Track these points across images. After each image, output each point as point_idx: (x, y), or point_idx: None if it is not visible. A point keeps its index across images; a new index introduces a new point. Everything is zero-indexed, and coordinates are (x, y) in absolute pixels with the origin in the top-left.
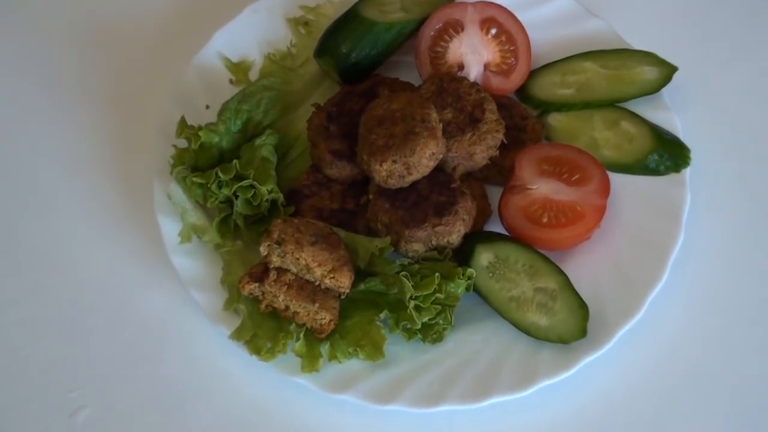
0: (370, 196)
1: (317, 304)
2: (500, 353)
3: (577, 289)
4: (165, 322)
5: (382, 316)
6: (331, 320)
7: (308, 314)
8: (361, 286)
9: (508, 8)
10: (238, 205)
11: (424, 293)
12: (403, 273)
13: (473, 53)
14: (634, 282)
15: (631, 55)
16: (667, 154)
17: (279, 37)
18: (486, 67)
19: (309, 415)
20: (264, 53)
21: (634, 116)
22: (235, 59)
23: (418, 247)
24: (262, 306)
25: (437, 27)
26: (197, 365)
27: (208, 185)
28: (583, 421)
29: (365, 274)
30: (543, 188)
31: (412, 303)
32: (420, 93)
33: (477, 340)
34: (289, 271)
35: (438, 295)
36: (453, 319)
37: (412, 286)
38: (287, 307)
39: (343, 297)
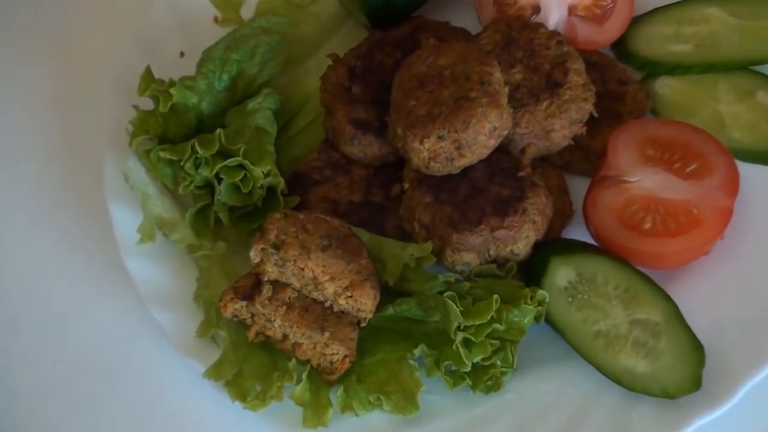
0: (405, 186)
1: (327, 334)
2: (580, 409)
3: (689, 324)
4: (113, 353)
5: (417, 352)
6: (346, 356)
7: (314, 347)
8: (389, 311)
9: None
10: (222, 193)
11: (477, 323)
12: (448, 294)
13: None
14: None
15: None
16: None
17: None
18: (571, 10)
19: None
20: None
21: None
22: None
23: (470, 259)
24: (251, 334)
25: None
26: (158, 414)
27: (181, 163)
28: None
29: (395, 294)
30: (646, 181)
31: (460, 336)
32: (479, 44)
33: (548, 390)
34: (289, 285)
35: (496, 325)
36: (516, 360)
37: (461, 312)
38: (285, 337)
39: (363, 324)
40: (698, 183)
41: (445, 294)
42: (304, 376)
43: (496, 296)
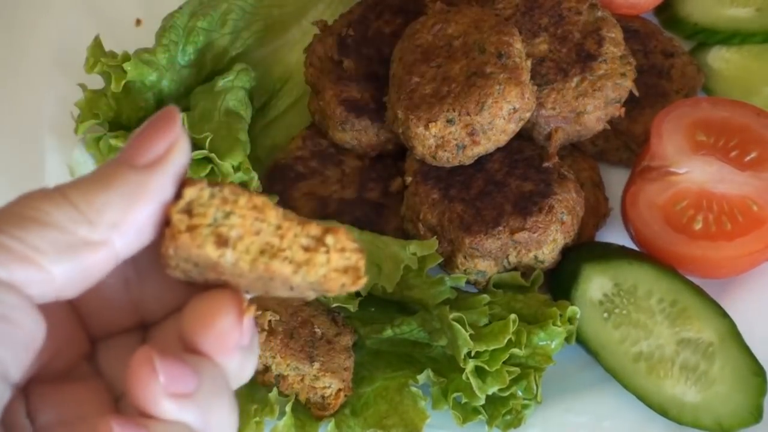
0: (408, 180)
1: (317, 364)
2: None
3: (747, 344)
4: None
5: (422, 379)
6: (340, 390)
7: (302, 380)
8: (388, 332)
9: None
10: None
11: (491, 348)
12: (455, 316)
13: None
14: None
15: None
16: None
17: None
18: None
19: None
20: None
21: None
22: None
23: (485, 267)
24: None
25: None
26: None
27: None
28: None
29: (394, 308)
30: (697, 173)
31: (471, 364)
32: (495, 8)
33: (580, 425)
34: (268, 311)
35: (515, 350)
36: (540, 391)
37: (471, 336)
38: (267, 368)
39: (354, 309)
40: (759, 175)
41: (451, 316)
42: (287, 409)
43: (513, 316)
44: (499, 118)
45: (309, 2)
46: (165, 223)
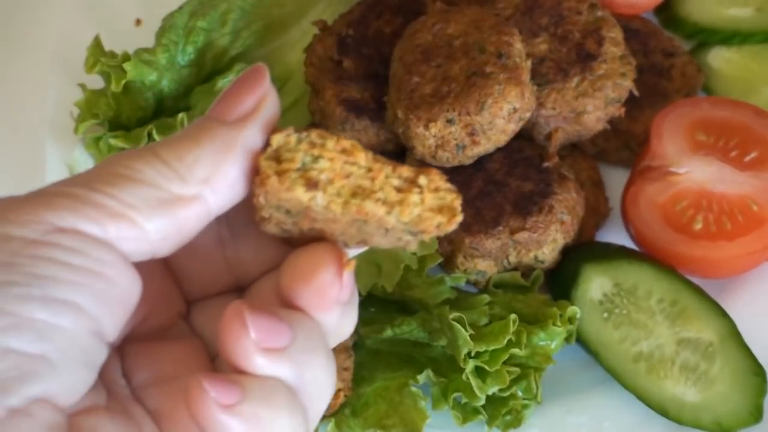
0: None
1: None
2: None
3: (747, 344)
4: None
5: (422, 379)
6: (339, 390)
7: None
8: (388, 332)
9: None
10: None
11: (491, 348)
12: (455, 316)
13: None
14: None
15: None
16: None
17: None
18: None
19: None
20: None
21: None
22: None
23: (485, 266)
24: None
25: None
26: None
27: None
28: None
29: (395, 309)
30: (697, 173)
31: (471, 364)
32: (495, 8)
33: (581, 425)
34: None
35: (515, 350)
36: (540, 391)
37: (471, 336)
38: None
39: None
40: (759, 175)
41: (451, 316)
42: None
43: (513, 316)
44: (499, 118)
45: (309, 2)
46: (255, 173)
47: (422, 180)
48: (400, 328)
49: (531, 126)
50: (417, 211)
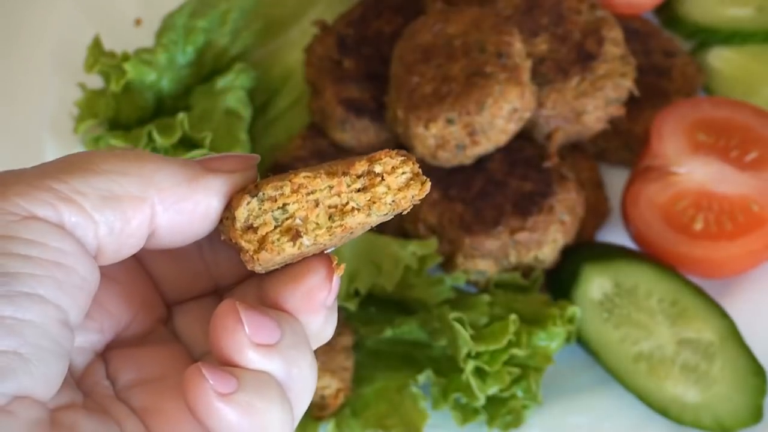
0: None
1: (317, 364)
2: None
3: (748, 344)
4: None
5: (422, 379)
6: (339, 390)
7: None
8: (388, 332)
9: None
10: None
11: (491, 348)
12: (455, 315)
13: None
14: None
15: None
16: None
17: None
18: None
19: None
20: None
21: None
22: None
23: (485, 266)
24: None
25: None
26: None
27: None
28: None
29: (395, 309)
30: (697, 173)
31: (471, 364)
32: (496, 8)
33: (581, 425)
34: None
35: (515, 351)
36: (540, 391)
37: (472, 336)
38: None
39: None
40: (759, 175)
41: (451, 316)
42: None
43: (513, 316)
44: (499, 118)
45: (309, 2)
46: (238, 251)
47: (377, 168)
48: (400, 328)
49: (531, 126)
50: (389, 199)
